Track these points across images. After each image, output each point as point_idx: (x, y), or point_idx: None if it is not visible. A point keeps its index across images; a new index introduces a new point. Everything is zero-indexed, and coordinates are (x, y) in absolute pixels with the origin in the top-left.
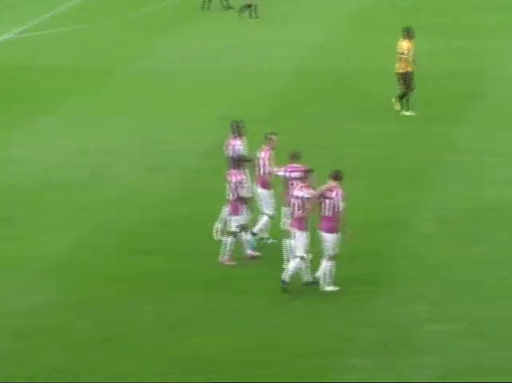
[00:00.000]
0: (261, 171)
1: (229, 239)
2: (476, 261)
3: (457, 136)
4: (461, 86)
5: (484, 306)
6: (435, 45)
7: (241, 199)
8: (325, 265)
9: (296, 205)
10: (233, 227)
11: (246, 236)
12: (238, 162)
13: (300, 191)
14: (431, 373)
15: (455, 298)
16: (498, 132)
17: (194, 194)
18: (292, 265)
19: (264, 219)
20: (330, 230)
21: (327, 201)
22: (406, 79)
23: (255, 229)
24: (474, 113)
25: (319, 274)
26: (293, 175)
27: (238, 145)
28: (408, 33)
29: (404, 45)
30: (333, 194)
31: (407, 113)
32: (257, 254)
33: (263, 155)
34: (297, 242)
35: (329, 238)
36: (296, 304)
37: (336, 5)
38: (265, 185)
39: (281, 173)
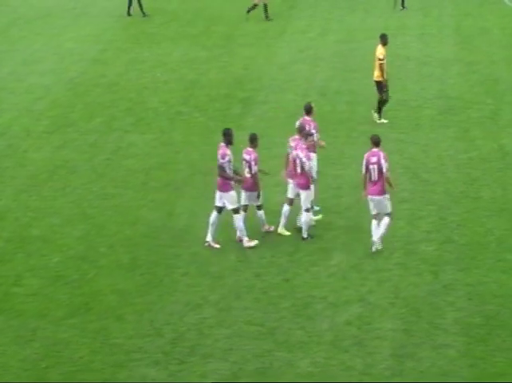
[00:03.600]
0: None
1: (259, 212)
2: (261, 265)
3: (236, 142)
4: (232, 94)
5: (269, 308)
6: (201, 53)
7: (256, 175)
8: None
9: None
10: (257, 202)
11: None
12: (254, 140)
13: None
14: (219, 377)
15: (242, 303)
16: (274, 136)
17: None
18: (302, 219)
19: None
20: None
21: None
22: (383, 86)
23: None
24: (250, 119)
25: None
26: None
27: (228, 154)
28: (383, 39)
29: (379, 50)
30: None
31: (381, 121)
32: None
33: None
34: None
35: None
36: (75, 321)
37: (108, 19)
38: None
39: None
